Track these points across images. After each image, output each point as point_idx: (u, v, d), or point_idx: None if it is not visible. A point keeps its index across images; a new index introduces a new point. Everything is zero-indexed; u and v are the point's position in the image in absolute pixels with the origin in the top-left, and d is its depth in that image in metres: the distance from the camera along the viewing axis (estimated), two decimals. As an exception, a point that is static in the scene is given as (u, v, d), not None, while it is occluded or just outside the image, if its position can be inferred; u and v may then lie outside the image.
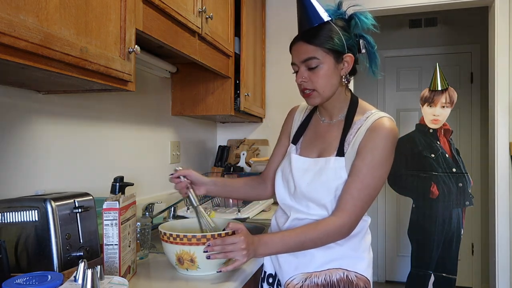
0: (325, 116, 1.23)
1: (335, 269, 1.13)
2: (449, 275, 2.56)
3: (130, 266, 1.06)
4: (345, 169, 1.10)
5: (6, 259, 0.87)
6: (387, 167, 1.12)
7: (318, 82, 1.11)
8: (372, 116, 1.13)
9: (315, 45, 1.10)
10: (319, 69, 1.11)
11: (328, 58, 1.11)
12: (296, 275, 1.15)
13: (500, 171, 2.45)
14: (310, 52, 1.10)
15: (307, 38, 1.11)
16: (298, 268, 1.15)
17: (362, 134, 1.11)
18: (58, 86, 1.14)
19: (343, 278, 1.12)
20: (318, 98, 1.14)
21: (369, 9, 2.57)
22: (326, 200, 1.11)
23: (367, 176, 1.08)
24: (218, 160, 2.60)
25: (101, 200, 1.34)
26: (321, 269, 1.13)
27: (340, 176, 1.10)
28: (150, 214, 1.63)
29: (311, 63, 1.10)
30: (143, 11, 1.23)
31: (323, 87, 1.12)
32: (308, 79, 1.12)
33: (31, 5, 0.78)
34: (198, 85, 2.09)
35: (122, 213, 1.01)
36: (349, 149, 1.12)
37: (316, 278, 1.13)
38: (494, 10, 2.46)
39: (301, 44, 1.12)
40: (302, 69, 1.13)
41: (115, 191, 1.42)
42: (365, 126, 1.12)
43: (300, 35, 1.13)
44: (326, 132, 1.20)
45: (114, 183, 1.42)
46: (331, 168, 1.11)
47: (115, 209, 0.98)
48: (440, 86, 2.59)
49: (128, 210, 1.06)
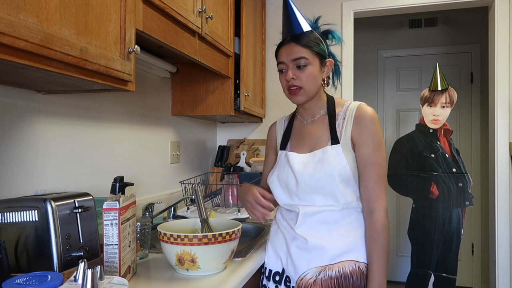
0: (306, 116, 1.32)
1: (347, 261, 1.17)
2: (449, 275, 2.56)
3: (130, 266, 1.06)
4: (343, 155, 1.19)
5: (6, 259, 0.87)
6: (383, 143, 1.24)
7: (305, 80, 1.21)
8: (351, 105, 1.25)
9: (305, 47, 1.21)
10: (307, 68, 1.21)
11: (315, 60, 1.22)
12: (310, 269, 1.18)
13: (500, 171, 2.45)
14: (301, 52, 1.20)
15: (297, 40, 1.21)
16: (311, 262, 1.18)
17: (349, 122, 1.22)
18: (58, 86, 1.14)
19: (356, 269, 1.17)
20: (304, 96, 1.23)
21: (369, 9, 2.61)
22: (332, 187, 1.17)
23: (377, 158, 1.19)
24: (218, 160, 2.60)
25: (101, 200, 1.34)
26: (334, 261, 1.17)
27: (341, 161, 1.18)
28: (150, 214, 1.63)
29: (301, 62, 1.20)
30: (143, 11, 1.23)
31: (310, 85, 1.22)
32: (297, 77, 1.21)
33: (31, 5, 0.78)
34: (198, 85, 2.09)
35: (122, 213, 1.01)
36: (342, 136, 1.21)
37: (330, 271, 1.16)
38: (494, 10, 2.46)
39: (292, 45, 1.22)
40: (291, 67, 1.22)
41: (115, 191, 1.42)
42: (349, 115, 1.23)
43: (290, 37, 1.23)
44: (311, 129, 1.28)
45: (114, 183, 1.42)
46: (330, 156, 1.19)
47: (115, 209, 0.98)
48: (440, 86, 2.59)
49: (128, 210, 1.06)
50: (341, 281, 1.15)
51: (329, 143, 1.21)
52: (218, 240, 1.07)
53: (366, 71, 3.87)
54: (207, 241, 1.05)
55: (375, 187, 1.19)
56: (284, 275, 1.25)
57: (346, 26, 2.63)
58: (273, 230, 1.34)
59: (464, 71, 3.66)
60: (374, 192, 1.19)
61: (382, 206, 1.18)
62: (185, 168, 2.27)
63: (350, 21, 2.63)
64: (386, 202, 1.20)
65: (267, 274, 1.29)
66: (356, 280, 1.16)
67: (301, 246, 1.20)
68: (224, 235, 1.08)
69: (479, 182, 3.55)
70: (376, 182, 1.19)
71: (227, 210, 1.97)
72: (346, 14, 2.63)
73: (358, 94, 3.70)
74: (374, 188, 1.19)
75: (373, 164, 1.19)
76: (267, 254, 1.31)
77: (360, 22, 2.98)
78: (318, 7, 2.66)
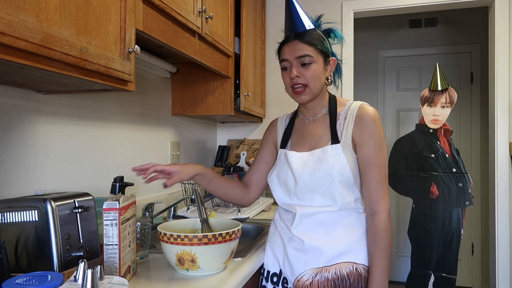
0: (308, 115, 1.31)
1: (344, 262, 1.16)
2: (449, 275, 2.56)
3: (130, 266, 1.06)
4: (343, 154, 1.18)
5: (6, 259, 0.87)
6: (385, 143, 1.23)
7: (310, 78, 1.19)
8: (352, 105, 1.24)
9: (309, 44, 1.19)
10: (312, 66, 1.19)
11: (319, 58, 1.20)
12: (306, 271, 1.17)
13: (500, 171, 2.45)
14: (305, 50, 1.19)
15: (301, 38, 1.20)
16: (308, 264, 1.17)
17: (350, 122, 1.21)
18: (58, 86, 1.14)
19: (353, 271, 1.16)
20: (308, 95, 1.21)
21: (369, 9, 2.61)
22: (331, 187, 1.16)
23: (379, 158, 1.19)
24: (218, 160, 2.60)
25: (101, 200, 1.34)
26: (331, 263, 1.16)
27: (340, 161, 1.17)
28: (150, 214, 1.63)
29: (305, 59, 1.18)
30: (143, 11, 1.23)
31: (314, 83, 1.20)
32: (301, 75, 1.19)
33: (31, 5, 0.78)
34: (198, 85, 2.09)
35: (122, 213, 1.01)
36: (342, 136, 1.20)
37: (326, 272, 1.16)
38: (494, 10, 2.46)
39: (296, 42, 1.20)
40: (295, 65, 1.20)
41: (115, 191, 1.42)
42: (350, 114, 1.22)
43: (294, 35, 1.21)
44: (313, 128, 1.27)
45: (114, 183, 1.42)
46: (330, 155, 1.18)
47: (115, 209, 0.98)
48: (440, 86, 2.58)
49: (128, 210, 1.06)
50: (338, 283, 1.14)
51: (329, 142, 1.20)
52: (218, 240, 1.07)
53: (366, 71, 3.87)
54: (207, 241, 1.05)
55: (377, 188, 1.18)
56: (282, 276, 1.25)
57: (346, 26, 2.63)
58: (271, 231, 1.34)
59: (464, 71, 3.66)
60: (376, 193, 1.18)
61: (385, 208, 1.18)
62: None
63: (350, 21, 2.63)
64: (388, 203, 1.19)
65: (265, 275, 1.29)
66: (354, 282, 1.15)
67: (298, 247, 1.20)
68: (224, 235, 1.08)
69: (479, 182, 3.55)
70: (378, 183, 1.18)
71: (227, 210, 1.97)
72: (346, 14, 2.64)
73: (358, 94, 3.70)
74: (376, 188, 1.18)
75: (374, 165, 1.18)
76: (265, 255, 1.31)
77: (360, 22, 2.98)
78: (318, 7, 2.66)
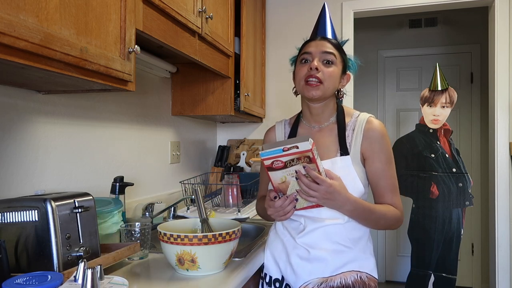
0: (313, 122, 1.28)
1: (349, 271, 1.15)
2: (449, 275, 2.56)
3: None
4: (352, 167, 1.16)
5: (6, 259, 0.87)
6: (393, 156, 1.25)
7: (328, 76, 1.18)
8: (360, 117, 1.24)
9: (336, 48, 1.22)
10: (332, 66, 1.20)
11: (340, 65, 1.22)
12: (311, 280, 1.16)
13: (500, 171, 2.45)
14: (332, 49, 1.21)
15: (329, 40, 1.23)
16: (313, 273, 1.16)
17: (359, 135, 1.20)
18: (58, 86, 1.14)
19: (358, 279, 1.15)
20: (320, 91, 1.19)
21: (369, 9, 2.61)
22: None
23: (391, 171, 1.21)
24: (218, 160, 2.61)
25: (101, 200, 1.35)
26: (336, 273, 1.15)
27: (349, 172, 1.16)
28: (150, 214, 1.63)
29: (329, 56, 1.19)
30: (143, 11, 1.23)
31: (329, 83, 1.19)
32: (321, 70, 1.18)
33: (31, 5, 0.78)
34: (198, 85, 2.09)
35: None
36: (351, 148, 1.19)
37: (331, 282, 1.15)
38: (494, 10, 2.46)
39: (325, 41, 1.22)
40: (316, 59, 1.19)
41: (115, 191, 1.42)
42: (358, 127, 1.21)
43: (322, 37, 1.24)
44: (319, 137, 1.24)
45: (114, 183, 1.42)
46: (339, 167, 1.16)
47: (308, 151, 1.03)
48: (440, 86, 2.59)
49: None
50: None
51: (338, 154, 1.18)
52: (218, 240, 1.07)
53: (366, 71, 3.87)
54: (207, 241, 1.05)
55: (391, 196, 1.20)
56: (284, 283, 1.24)
57: (346, 26, 2.63)
58: (271, 236, 1.31)
59: (464, 71, 3.66)
60: (392, 201, 1.20)
61: (400, 211, 1.22)
62: (185, 168, 2.27)
63: (350, 21, 2.63)
64: (403, 212, 1.22)
65: (267, 280, 1.28)
66: None
67: (303, 256, 1.18)
68: (224, 235, 1.08)
69: (479, 182, 3.55)
70: (392, 192, 1.21)
71: (227, 210, 1.97)
72: (346, 14, 2.64)
73: (358, 94, 3.70)
74: (390, 196, 1.20)
75: (388, 177, 1.20)
76: (266, 258, 1.29)
77: (360, 22, 2.98)
78: (318, 7, 2.66)
